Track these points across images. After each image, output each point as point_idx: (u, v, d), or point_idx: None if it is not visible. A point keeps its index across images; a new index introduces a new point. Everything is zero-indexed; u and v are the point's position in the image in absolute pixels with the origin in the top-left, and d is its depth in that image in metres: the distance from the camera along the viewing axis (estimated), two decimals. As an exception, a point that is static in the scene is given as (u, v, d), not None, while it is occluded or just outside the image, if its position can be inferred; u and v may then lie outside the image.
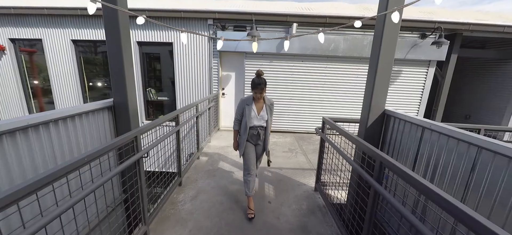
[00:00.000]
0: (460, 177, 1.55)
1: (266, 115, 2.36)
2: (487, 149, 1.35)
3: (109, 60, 2.16)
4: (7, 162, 1.43)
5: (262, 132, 2.42)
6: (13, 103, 6.14)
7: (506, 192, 1.26)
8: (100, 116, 2.17)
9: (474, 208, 1.43)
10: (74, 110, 1.91)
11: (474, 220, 0.82)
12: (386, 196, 1.38)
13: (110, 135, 2.29)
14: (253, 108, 2.33)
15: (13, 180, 1.46)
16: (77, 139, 1.97)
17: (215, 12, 5.05)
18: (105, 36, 2.13)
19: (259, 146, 2.51)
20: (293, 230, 2.26)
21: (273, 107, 2.49)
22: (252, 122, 2.34)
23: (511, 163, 1.23)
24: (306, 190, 3.05)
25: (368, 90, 2.16)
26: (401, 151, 2.11)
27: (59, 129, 1.78)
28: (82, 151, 2.00)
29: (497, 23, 5.02)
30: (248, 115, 2.31)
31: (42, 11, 5.32)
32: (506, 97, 5.92)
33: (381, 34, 2.01)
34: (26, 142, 1.54)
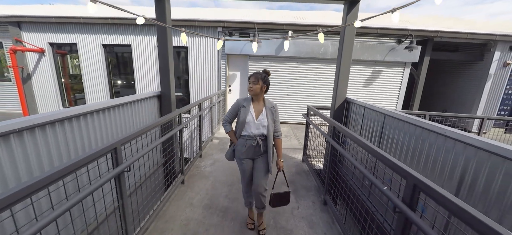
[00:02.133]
0: (395, 141, 2.51)
1: (265, 121, 1.87)
2: (411, 123, 2.31)
3: (159, 62, 3.11)
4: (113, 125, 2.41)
5: (262, 143, 1.91)
6: (50, 97, 7.17)
7: (433, 156, 2.11)
8: (151, 102, 3.15)
9: (407, 163, 2.39)
10: (135, 97, 2.86)
11: (395, 164, 1.78)
12: (345, 155, 2.33)
13: (156, 116, 3.28)
14: (251, 110, 1.89)
15: (115, 135, 2.44)
16: (140, 115, 2.95)
17: (224, 22, 6.03)
18: (157, 44, 3.06)
19: (260, 161, 1.97)
20: (284, 183, 3.24)
21: (276, 112, 1.95)
22: (248, 128, 1.88)
23: (439, 137, 2.00)
24: (296, 161, 4.03)
25: (335, 83, 3.12)
26: (356, 125, 3.08)
27: (125, 110, 2.73)
28: (139, 126, 2.98)
29: (461, 31, 5.96)
30: (243, 119, 1.86)
31: (78, 20, 6.34)
32: (473, 92, 6.86)
33: (342, 42, 2.97)
34: (109, 116, 2.52)
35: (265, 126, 1.89)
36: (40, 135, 1.57)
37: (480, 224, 0.82)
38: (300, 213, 2.56)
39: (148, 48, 6.52)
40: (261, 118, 1.88)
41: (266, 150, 1.96)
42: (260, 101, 1.94)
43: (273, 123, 1.95)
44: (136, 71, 6.74)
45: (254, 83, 1.85)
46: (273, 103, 1.98)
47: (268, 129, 1.90)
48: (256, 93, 1.88)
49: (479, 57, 6.66)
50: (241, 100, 1.95)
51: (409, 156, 2.13)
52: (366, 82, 6.59)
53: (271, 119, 1.91)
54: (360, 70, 6.48)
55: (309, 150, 3.94)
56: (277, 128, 1.99)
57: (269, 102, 1.97)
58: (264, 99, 1.95)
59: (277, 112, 1.97)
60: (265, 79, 1.90)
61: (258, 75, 1.86)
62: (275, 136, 2.01)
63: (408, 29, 5.89)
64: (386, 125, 2.34)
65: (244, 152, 1.94)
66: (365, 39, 6.21)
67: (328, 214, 2.56)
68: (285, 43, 2.85)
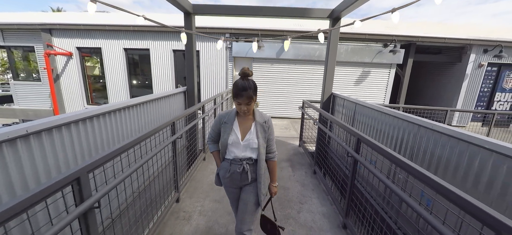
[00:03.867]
0: (367, 124, 3.35)
1: (255, 141, 1.42)
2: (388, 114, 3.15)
3: (186, 64, 3.95)
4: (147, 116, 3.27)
5: (250, 169, 1.47)
6: (76, 96, 8.06)
7: (398, 137, 3.04)
8: (179, 97, 4.01)
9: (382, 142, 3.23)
10: (163, 94, 3.71)
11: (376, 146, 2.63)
12: (333, 137, 3.17)
13: (183, 108, 4.14)
14: (235, 127, 1.45)
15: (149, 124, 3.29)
16: (170, 109, 3.81)
17: (231, 28, 6.90)
18: (185, 49, 3.88)
19: (248, 191, 1.52)
20: (283, 160, 4.10)
21: (270, 128, 1.49)
22: (232, 151, 1.46)
23: (404, 123, 2.83)
24: (293, 146, 4.89)
25: (323, 81, 3.97)
26: (338, 114, 3.93)
27: (159, 104, 3.57)
28: (170, 116, 3.83)
29: (439, 36, 6.80)
30: (224, 141, 1.45)
31: (104, 27, 7.23)
32: (453, 90, 7.68)
33: (328, 49, 3.82)
34: (149, 108, 3.37)
35: (254, 148, 1.42)
36: (104, 120, 2.43)
37: (391, 156, 1.67)
38: (295, 178, 3.41)
39: (165, 52, 7.40)
40: (248, 138, 1.41)
41: (256, 178, 1.48)
42: (249, 116, 1.44)
43: (266, 143, 1.46)
44: (154, 72, 7.62)
45: (248, 104, 1.34)
46: (266, 117, 1.48)
47: (259, 151, 1.41)
48: (251, 112, 1.43)
49: (458, 59, 7.49)
50: (222, 115, 1.48)
51: (369, 130, 2.98)
52: (357, 81, 7.44)
53: (263, 138, 1.43)
54: (351, 71, 7.33)
55: (304, 138, 4.79)
56: (271, 148, 1.50)
57: (260, 114, 1.47)
58: (254, 112, 1.45)
59: (271, 128, 1.48)
60: (256, 88, 1.37)
61: (249, 92, 1.31)
62: (268, 158, 1.52)
63: (392, 35, 6.74)
64: (357, 112, 3.20)
65: (228, 179, 1.50)
66: (355, 43, 7.05)
67: (316, 179, 3.41)
68: (285, 43, 3.12)
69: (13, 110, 8.43)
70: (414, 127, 1.99)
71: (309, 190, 3.11)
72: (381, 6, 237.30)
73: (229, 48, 7.19)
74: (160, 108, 3.42)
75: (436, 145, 1.75)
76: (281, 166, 3.84)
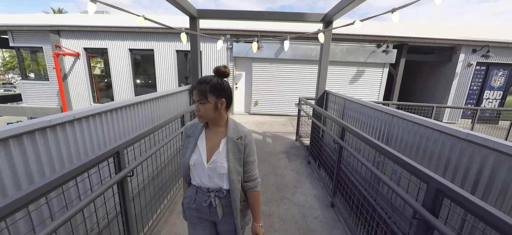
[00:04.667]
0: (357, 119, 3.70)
1: (224, 163, 1.04)
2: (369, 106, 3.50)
3: (191, 63, 4.30)
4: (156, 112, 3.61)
5: (221, 203, 1.08)
6: (83, 95, 8.40)
7: (376, 127, 3.37)
8: (185, 94, 4.35)
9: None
10: (170, 91, 4.05)
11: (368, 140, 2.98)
12: (325, 129, 3.52)
13: (188, 104, 4.48)
14: (200, 143, 1.08)
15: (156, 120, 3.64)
16: (177, 105, 4.15)
17: (232, 30, 7.24)
18: (190, 50, 4.24)
19: (222, 224, 1.14)
20: (280, 152, 4.45)
21: (249, 146, 1.10)
22: (196, 175, 1.09)
23: (390, 117, 3.30)
24: (290, 140, 5.24)
25: (317, 79, 4.31)
26: (330, 110, 4.28)
27: (169, 100, 3.92)
28: (178, 111, 4.17)
29: (429, 36, 7.14)
30: (185, 160, 1.09)
31: (110, 29, 7.56)
32: (444, 88, 8.04)
33: (321, 50, 4.16)
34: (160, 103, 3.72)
35: (222, 173, 1.04)
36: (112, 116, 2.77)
37: (378, 148, 2.01)
38: (291, 167, 3.76)
39: (168, 52, 7.74)
40: (216, 159, 1.04)
41: (231, 212, 1.10)
42: (218, 127, 1.09)
43: (242, 166, 1.07)
44: (158, 72, 7.96)
45: (201, 102, 0.99)
46: (244, 131, 1.10)
47: (230, 179, 1.04)
48: (209, 119, 1.05)
49: (448, 58, 7.84)
50: (188, 125, 1.16)
51: (355, 122, 3.32)
52: (352, 80, 7.79)
53: (236, 160, 1.05)
54: (346, 70, 7.68)
55: (300, 133, 5.14)
56: (250, 174, 1.12)
57: (235, 128, 1.09)
58: (228, 123, 1.10)
59: (250, 146, 1.10)
60: (221, 88, 1.00)
61: (204, 87, 0.98)
62: (248, 187, 1.13)
63: (385, 36, 7.08)
64: (346, 106, 3.54)
65: (194, 210, 1.13)
66: (350, 44, 7.40)
67: (310, 168, 3.76)
68: (285, 43, 3.22)
69: (22, 108, 8.77)
70: (389, 117, 2.34)
71: (303, 177, 3.45)
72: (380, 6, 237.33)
73: (230, 49, 7.53)
74: (169, 104, 3.76)
75: (404, 131, 2.10)
76: (279, 157, 4.19)
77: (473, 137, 1.36)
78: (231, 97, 1.07)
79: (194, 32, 3.81)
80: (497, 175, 1.25)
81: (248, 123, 6.62)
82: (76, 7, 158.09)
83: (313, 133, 3.90)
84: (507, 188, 1.20)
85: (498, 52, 7.32)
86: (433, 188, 1.15)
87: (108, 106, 2.05)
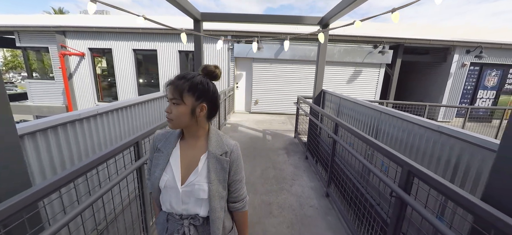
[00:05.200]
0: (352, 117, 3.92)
1: (203, 186, 0.82)
2: (360, 104, 3.73)
3: (195, 64, 4.54)
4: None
5: (194, 232, 0.86)
6: (88, 94, 8.62)
7: (367, 122, 3.59)
8: (189, 92, 4.59)
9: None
10: None
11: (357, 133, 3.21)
12: (322, 126, 3.74)
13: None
14: (173, 160, 0.86)
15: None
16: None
17: (233, 31, 7.47)
18: (194, 50, 4.47)
19: None
20: (280, 148, 4.68)
21: (233, 164, 0.87)
22: (165, 200, 0.87)
23: (378, 113, 3.55)
24: (289, 137, 5.47)
25: (315, 79, 4.54)
26: (326, 108, 4.50)
27: None
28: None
29: (425, 38, 7.37)
30: (155, 177, 0.85)
31: (114, 29, 7.78)
32: (439, 88, 8.27)
33: (318, 51, 4.39)
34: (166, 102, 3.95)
35: (201, 198, 0.83)
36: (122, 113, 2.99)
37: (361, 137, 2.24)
38: (290, 162, 3.99)
39: (171, 52, 7.96)
40: (193, 180, 0.83)
41: None
42: (197, 139, 0.87)
43: (226, 189, 0.87)
44: (161, 72, 8.18)
45: (174, 102, 0.78)
46: (230, 145, 0.87)
47: (211, 206, 0.83)
48: (182, 125, 0.82)
49: (443, 59, 8.07)
50: (158, 136, 0.91)
51: (349, 119, 3.56)
52: (349, 80, 8.01)
53: (219, 181, 0.84)
54: (344, 70, 7.90)
55: (298, 130, 5.37)
56: (238, 194, 0.92)
57: (219, 140, 0.87)
58: (210, 134, 0.87)
59: (237, 163, 0.88)
60: (203, 89, 0.79)
61: (183, 83, 0.77)
62: (235, 208, 0.94)
63: (382, 37, 7.31)
64: (341, 104, 3.77)
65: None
66: (347, 44, 7.62)
67: (307, 163, 3.99)
68: (285, 43, 3.34)
69: (28, 106, 8.99)
70: (377, 113, 2.57)
71: (301, 171, 3.68)
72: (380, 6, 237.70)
73: (231, 49, 7.75)
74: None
75: (390, 126, 2.32)
76: (278, 153, 4.41)
77: (443, 128, 1.59)
78: (216, 104, 0.83)
79: (197, 33, 4.04)
80: (461, 160, 1.48)
81: (248, 121, 6.84)
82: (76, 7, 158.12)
83: (311, 130, 4.12)
84: (469, 170, 1.43)
85: (491, 52, 7.55)
86: (405, 170, 1.38)
87: (125, 102, 2.28)
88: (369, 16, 2.42)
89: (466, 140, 1.42)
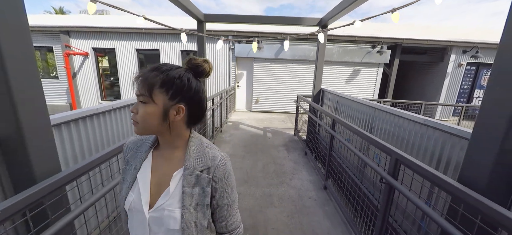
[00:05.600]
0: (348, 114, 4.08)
1: (174, 214, 0.61)
2: (356, 101, 3.88)
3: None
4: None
5: None
6: (91, 93, 8.77)
7: (362, 119, 3.75)
8: (192, 91, 4.74)
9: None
10: None
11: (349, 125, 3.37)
12: (321, 123, 3.89)
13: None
14: (141, 176, 0.66)
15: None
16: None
17: (234, 31, 7.62)
18: (197, 51, 4.63)
19: None
20: (280, 145, 4.83)
21: (218, 183, 0.66)
22: (131, 225, 0.67)
23: (373, 110, 3.71)
24: (289, 135, 5.63)
25: (314, 78, 4.69)
26: (325, 106, 4.66)
27: None
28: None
29: (422, 38, 7.52)
30: (121, 196, 0.67)
31: (117, 30, 7.93)
32: (436, 87, 8.43)
33: (317, 51, 4.54)
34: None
35: (172, 229, 0.63)
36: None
37: (356, 131, 2.40)
38: (290, 158, 4.15)
39: (173, 52, 8.11)
40: (162, 204, 0.63)
41: None
42: (174, 150, 0.68)
43: (206, 217, 0.65)
44: (163, 71, 8.33)
45: (143, 101, 0.60)
46: (215, 158, 0.67)
47: (186, 232, 0.62)
48: (150, 131, 0.63)
49: (440, 59, 8.22)
50: (129, 144, 0.74)
51: (345, 116, 3.71)
52: (348, 79, 8.17)
53: (197, 206, 0.64)
54: (343, 70, 8.06)
55: (298, 128, 5.53)
56: (226, 224, 0.71)
57: (201, 152, 0.67)
58: (189, 144, 0.68)
59: (224, 180, 0.67)
60: (181, 85, 0.60)
61: (154, 76, 0.59)
62: None
63: (380, 37, 7.46)
64: (339, 102, 3.93)
65: None
66: (346, 45, 7.78)
67: (307, 159, 4.15)
68: (285, 43, 3.40)
69: (32, 105, 9.12)
70: (372, 110, 2.73)
71: (300, 166, 3.84)
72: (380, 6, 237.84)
73: (232, 49, 7.91)
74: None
75: (383, 122, 2.48)
76: (278, 149, 4.57)
77: (429, 122, 1.75)
78: (199, 106, 0.65)
79: (200, 33, 4.19)
80: (444, 150, 1.64)
81: (249, 120, 7.00)
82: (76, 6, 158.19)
83: (310, 127, 4.28)
84: (451, 158, 1.59)
85: (487, 52, 7.70)
86: (394, 158, 1.54)
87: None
88: (369, 16, 2.40)
89: (448, 131, 1.58)
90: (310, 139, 4.27)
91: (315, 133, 4.22)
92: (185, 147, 0.68)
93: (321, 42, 4.06)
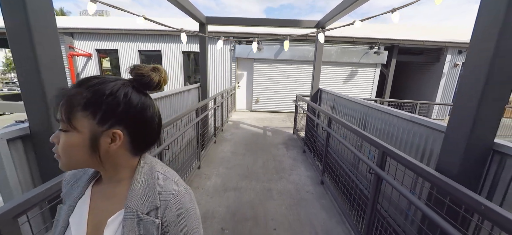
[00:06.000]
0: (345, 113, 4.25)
1: None
2: (351, 100, 4.05)
3: (200, 64, 4.84)
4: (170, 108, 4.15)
5: None
6: (94, 93, 8.94)
7: (357, 117, 3.92)
8: (195, 91, 4.90)
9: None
10: (184, 88, 4.59)
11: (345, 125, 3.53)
12: (317, 121, 4.06)
13: (197, 100, 5.02)
14: (76, 215, 0.51)
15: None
16: (189, 101, 4.69)
17: (235, 33, 7.79)
18: (200, 52, 4.79)
19: None
20: (279, 143, 5.00)
21: (169, 228, 0.49)
22: None
23: (366, 108, 3.87)
24: (288, 133, 5.80)
25: (312, 78, 4.86)
26: (323, 105, 4.83)
27: (183, 95, 4.46)
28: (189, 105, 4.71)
29: (418, 39, 7.69)
30: None
31: (121, 31, 8.10)
32: (432, 87, 8.60)
33: (315, 52, 4.71)
34: (176, 98, 4.26)
35: None
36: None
37: (352, 129, 2.57)
38: (288, 155, 4.32)
39: (175, 53, 8.28)
40: None
41: None
42: (117, 183, 0.53)
43: None
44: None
45: (63, 128, 0.45)
46: (167, 194, 0.51)
47: None
48: (77, 165, 0.48)
49: (436, 59, 8.40)
50: (69, 175, 0.59)
51: (341, 115, 3.88)
52: (346, 79, 8.34)
53: None
54: (341, 70, 8.23)
55: (297, 127, 5.70)
56: None
57: (151, 186, 0.51)
58: (136, 175, 0.52)
59: (178, 223, 0.50)
60: (112, 103, 0.46)
61: (75, 95, 0.44)
62: None
63: (377, 38, 7.63)
64: (335, 102, 4.10)
65: None
66: (344, 45, 7.94)
67: (305, 156, 4.31)
68: (285, 43, 3.59)
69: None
70: (365, 108, 2.89)
71: (299, 163, 4.00)
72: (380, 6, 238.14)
73: (233, 50, 8.07)
74: (183, 99, 4.33)
75: (376, 119, 2.65)
76: (278, 147, 4.74)
77: (414, 118, 1.91)
78: (145, 127, 0.52)
79: (202, 34, 4.36)
80: (427, 143, 1.81)
81: (249, 119, 7.17)
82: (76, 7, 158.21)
83: (308, 126, 4.44)
84: (433, 151, 1.76)
85: (482, 53, 7.86)
86: (381, 151, 1.70)
87: (163, 93, 2.61)
88: (368, 16, 2.42)
89: (430, 126, 1.74)
90: (308, 137, 4.43)
91: (313, 132, 4.38)
92: (129, 179, 0.52)
93: (321, 42, 4.22)
